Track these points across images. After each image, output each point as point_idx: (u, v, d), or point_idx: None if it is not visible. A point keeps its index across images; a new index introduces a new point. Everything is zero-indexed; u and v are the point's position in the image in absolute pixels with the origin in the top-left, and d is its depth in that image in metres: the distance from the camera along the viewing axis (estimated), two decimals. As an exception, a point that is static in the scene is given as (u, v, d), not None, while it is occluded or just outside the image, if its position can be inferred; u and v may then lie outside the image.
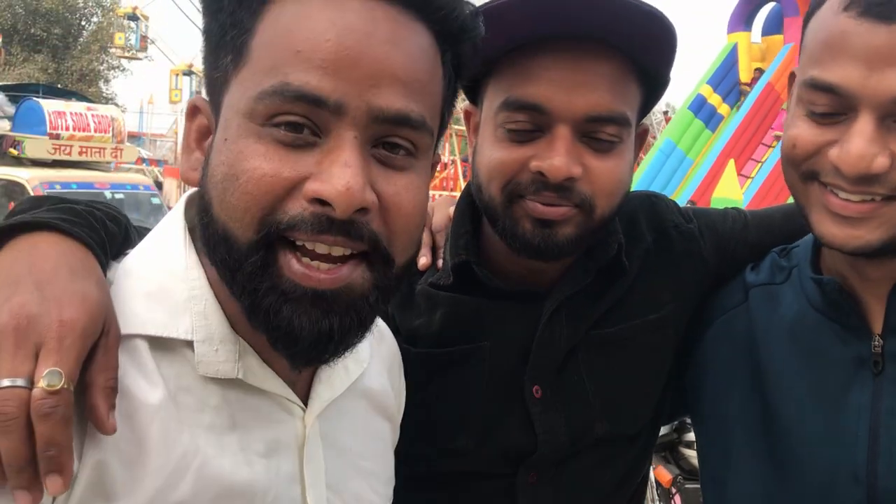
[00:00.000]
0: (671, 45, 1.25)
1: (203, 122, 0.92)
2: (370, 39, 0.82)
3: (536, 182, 1.21)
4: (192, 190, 0.97)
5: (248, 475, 0.89)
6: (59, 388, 0.73)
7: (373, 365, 1.12)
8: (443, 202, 1.51)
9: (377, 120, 0.83)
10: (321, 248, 0.83)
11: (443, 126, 0.96)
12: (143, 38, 37.60)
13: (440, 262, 1.39)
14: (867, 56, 1.01)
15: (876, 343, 1.14)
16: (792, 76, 1.20)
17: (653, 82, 1.29)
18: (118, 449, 0.81)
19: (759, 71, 15.48)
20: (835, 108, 1.05)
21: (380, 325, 1.20)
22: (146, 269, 0.92)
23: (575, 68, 1.20)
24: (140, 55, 37.53)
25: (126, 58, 36.17)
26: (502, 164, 1.23)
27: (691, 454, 4.28)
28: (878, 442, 1.11)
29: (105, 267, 0.89)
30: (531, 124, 1.22)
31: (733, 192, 10.85)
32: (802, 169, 1.09)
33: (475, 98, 1.35)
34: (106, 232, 0.94)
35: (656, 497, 4.47)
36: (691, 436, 4.21)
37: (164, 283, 0.90)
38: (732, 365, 1.33)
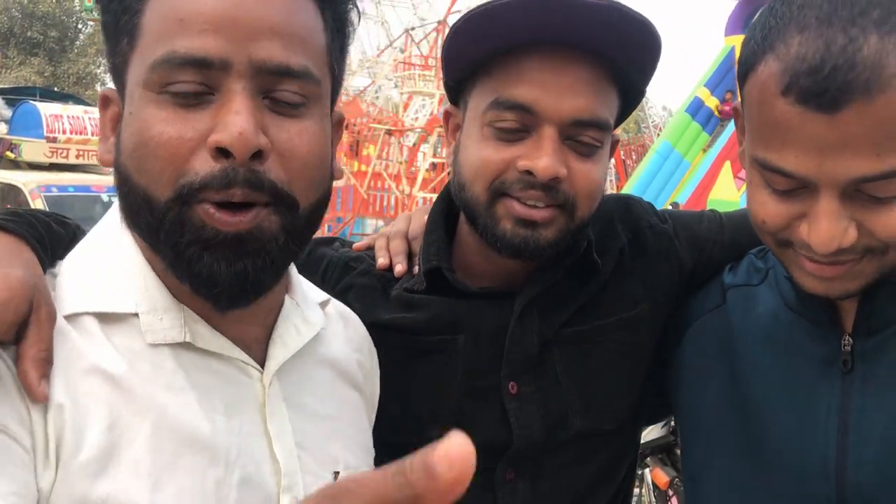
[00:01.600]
0: (654, 55, 1.29)
1: (115, 109, 0.98)
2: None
3: (523, 181, 1.25)
4: None
5: (209, 430, 0.93)
6: None
7: (335, 338, 1.18)
8: (419, 211, 1.55)
9: (261, 71, 0.89)
10: (234, 200, 0.89)
11: (337, 79, 1.03)
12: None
13: (416, 269, 1.42)
14: (817, 145, 0.97)
15: (846, 342, 1.16)
16: (735, 112, 1.17)
17: (630, 92, 1.33)
18: (77, 406, 0.86)
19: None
20: (794, 185, 1.03)
21: (344, 309, 1.26)
22: (89, 256, 0.99)
23: (562, 73, 1.23)
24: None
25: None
26: (489, 162, 1.27)
27: (688, 456, 4.28)
28: (847, 439, 1.13)
29: (43, 257, 0.95)
30: (519, 124, 1.25)
31: (730, 195, 10.87)
32: (777, 238, 1.10)
33: (457, 99, 1.38)
34: (48, 230, 1.00)
35: (653, 499, 4.47)
36: (688, 438, 4.21)
37: (105, 265, 0.97)
38: (709, 365, 1.35)
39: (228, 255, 0.89)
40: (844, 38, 0.93)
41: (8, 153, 9.24)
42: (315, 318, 1.12)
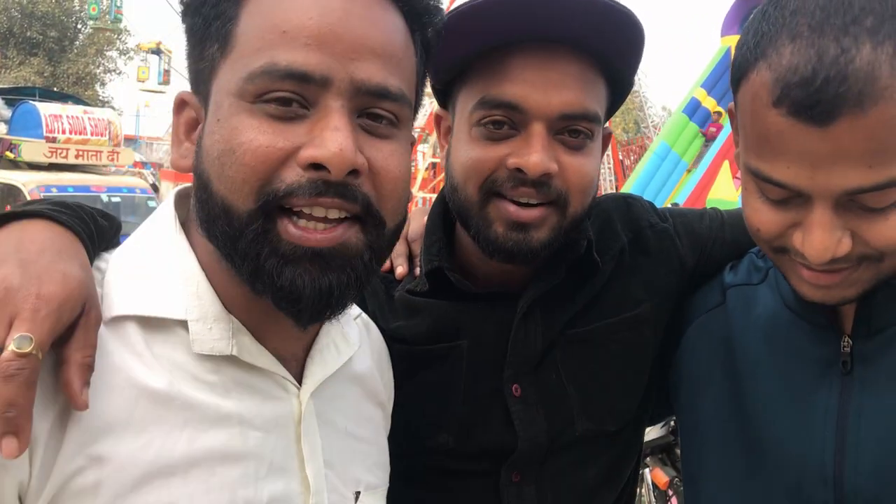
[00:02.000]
0: (638, 45, 1.29)
1: (191, 114, 0.96)
2: (349, 17, 0.88)
3: (514, 178, 1.24)
4: (182, 185, 1.03)
5: (243, 447, 0.93)
6: (26, 351, 0.76)
7: (362, 351, 1.17)
8: (418, 212, 1.54)
9: (360, 91, 0.88)
10: (318, 212, 0.88)
11: (418, 101, 1.03)
12: (166, 72, 37.02)
13: (417, 270, 1.42)
14: (809, 157, 0.96)
15: (845, 344, 1.15)
16: (731, 113, 1.16)
17: (618, 83, 1.33)
18: (111, 432, 0.84)
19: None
20: (788, 195, 1.02)
21: (365, 317, 1.26)
22: (138, 256, 0.96)
23: (547, 68, 1.23)
24: (164, 88, 37.16)
25: (151, 91, 36.03)
26: (479, 161, 1.26)
27: (687, 456, 4.29)
28: (845, 442, 1.12)
29: (91, 253, 0.93)
30: (507, 122, 1.25)
31: (729, 195, 10.87)
32: (772, 246, 1.10)
33: (446, 102, 1.38)
34: (95, 225, 0.98)
35: (653, 499, 4.47)
36: (687, 438, 4.21)
37: (156, 268, 0.95)
38: (709, 365, 1.35)
39: (312, 269, 0.88)
40: (837, 48, 0.92)
41: (7, 153, 9.25)
42: (353, 337, 1.12)
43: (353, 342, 1.10)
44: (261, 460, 0.94)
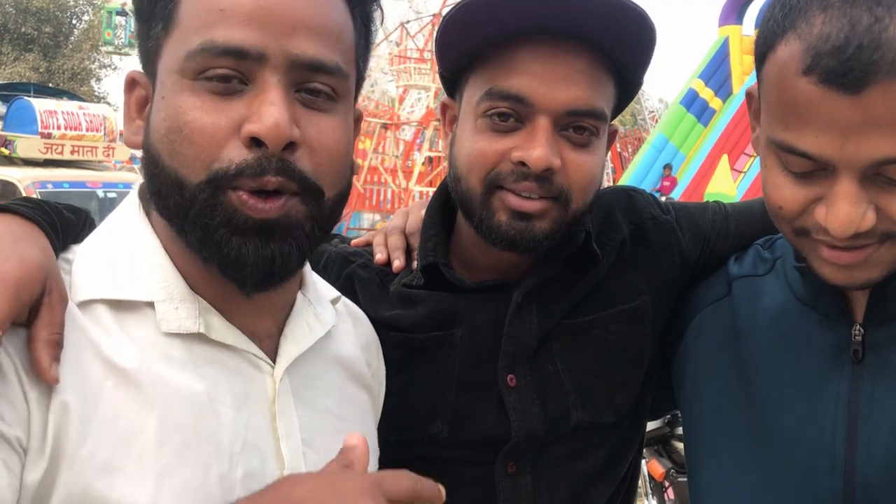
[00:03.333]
0: (649, 45, 1.28)
1: (141, 92, 1.00)
2: None
3: (517, 172, 1.25)
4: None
5: (216, 423, 0.94)
6: None
7: (345, 336, 1.19)
8: (416, 206, 1.54)
9: (295, 66, 0.92)
10: (267, 188, 0.91)
11: (360, 76, 1.06)
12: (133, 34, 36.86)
13: (414, 264, 1.42)
14: (838, 126, 0.96)
15: (856, 332, 1.15)
16: (749, 96, 1.16)
17: (627, 82, 1.32)
18: (84, 397, 0.86)
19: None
20: (813, 167, 1.02)
21: (353, 307, 1.27)
22: (105, 243, 1.00)
23: (556, 62, 1.23)
24: (131, 52, 36.95)
25: (117, 54, 35.71)
26: (483, 153, 1.27)
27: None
28: (856, 431, 1.12)
29: (55, 242, 0.96)
30: (513, 115, 1.25)
31: (727, 188, 10.87)
32: (794, 226, 1.09)
33: (453, 92, 1.38)
34: (60, 217, 1.01)
35: (649, 490, 4.49)
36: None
37: (122, 252, 0.98)
38: (715, 357, 1.34)
39: (256, 240, 0.92)
40: (870, 17, 0.92)
41: (2, 149, 9.21)
42: (326, 316, 1.13)
43: (325, 321, 1.12)
44: (234, 437, 0.95)
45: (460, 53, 1.30)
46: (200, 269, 0.97)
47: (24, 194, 8.35)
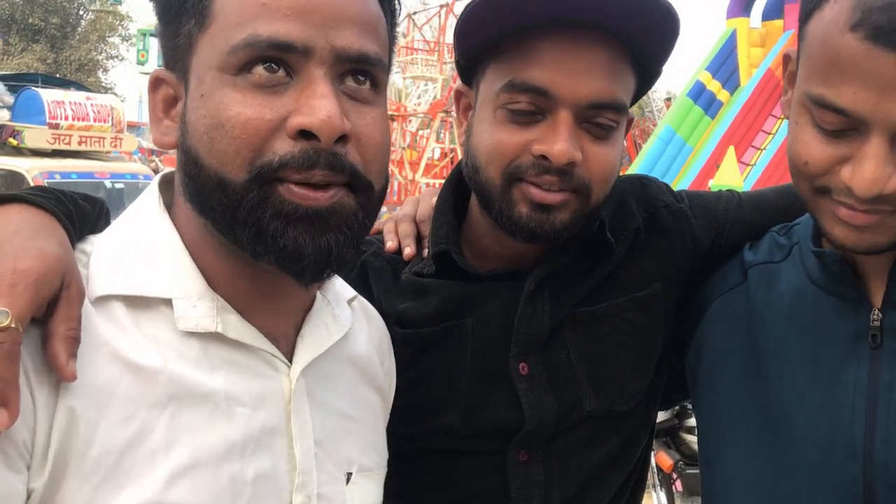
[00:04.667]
0: (672, 36, 1.27)
1: (168, 91, 0.98)
2: None
3: (538, 166, 1.24)
4: (165, 170, 1.05)
5: (229, 423, 0.93)
6: (5, 325, 0.78)
7: (360, 336, 1.18)
8: (427, 194, 1.54)
9: (341, 58, 0.91)
10: (313, 181, 0.90)
11: (390, 66, 1.05)
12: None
13: (425, 252, 1.42)
14: (879, 83, 0.96)
15: (875, 317, 1.14)
16: (787, 58, 1.17)
17: (646, 72, 1.32)
18: (93, 399, 0.85)
19: None
20: (845, 126, 1.02)
21: (367, 306, 1.26)
22: (123, 237, 0.98)
23: (577, 54, 1.22)
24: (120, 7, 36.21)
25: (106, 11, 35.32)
26: (503, 146, 1.25)
27: (692, 439, 4.31)
28: (875, 416, 1.12)
29: (72, 233, 0.95)
30: (534, 107, 1.23)
31: (734, 180, 10.83)
32: (815, 184, 1.09)
33: (469, 79, 1.36)
34: (76, 207, 0.99)
35: (657, 482, 4.49)
36: (692, 421, 4.24)
37: (141, 247, 0.96)
38: (730, 344, 1.34)
39: (312, 230, 0.90)
40: None
41: (10, 140, 9.23)
42: (344, 318, 1.12)
43: (343, 323, 1.11)
44: (247, 438, 0.95)
45: (480, 41, 1.28)
46: (221, 265, 0.96)
47: (31, 184, 8.37)
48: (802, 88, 1.07)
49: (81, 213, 1.00)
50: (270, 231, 0.89)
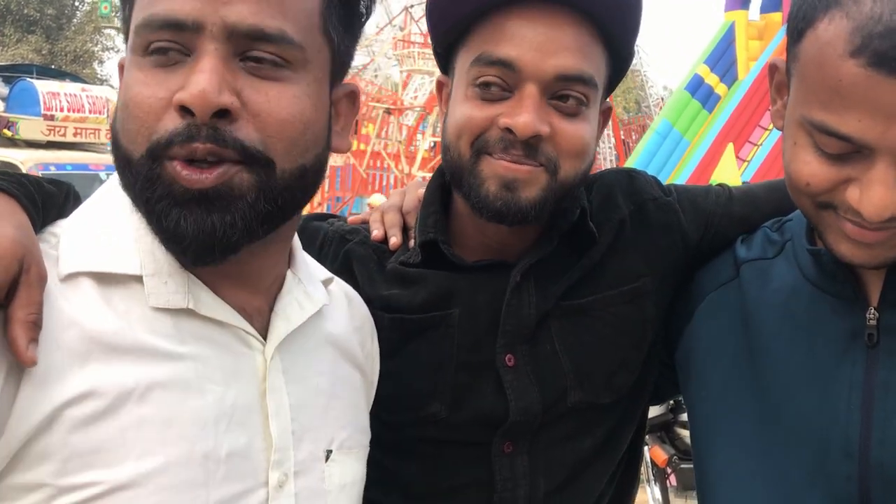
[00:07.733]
0: (636, 11, 1.30)
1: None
2: None
3: (504, 139, 1.25)
4: None
5: (202, 400, 0.93)
6: None
7: (338, 316, 1.19)
8: (413, 185, 1.55)
9: (233, 34, 0.90)
10: (196, 155, 0.89)
11: (339, 48, 1.02)
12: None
13: (412, 242, 1.42)
14: (885, 110, 0.93)
15: (871, 315, 1.13)
16: (773, 68, 1.14)
17: (618, 53, 1.33)
18: (59, 379, 0.84)
19: None
20: (848, 150, 0.99)
21: (348, 289, 1.26)
22: (93, 217, 0.99)
23: (545, 29, 1.24)
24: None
25: (114, 28, 35.45)
26: (471, 120, 1.27)
27: (686, 434, 4.31)
28: (871, 415, 1.11)
29: (35, 217, 0.94)
30: (501, 81, 1.25)
31: (731, 177, 10.82)
32: (818, 200, 1.06)
33: (446, 67, 1.38)
34: (40, 190, 0.98)
35: (651, 477, 4.50)
36: (686, 416, 4.24)
37: (109, 227, 0.97)
38: (722, 340, 1.32)
39: (196, 211, 0.90)
40: None
41: (5, 131, 9.19)
42: (317, 295, 1.12)
43: (316, 300, 1.11)
44: (220, 415, 0.94)
45: (451, 25, 1.30)
46: None
47: (26, 176, 8.34)
48: (800, 111, 1.04)
49: (47, 196, 0.99)
50: (157, 211, 0.90)
